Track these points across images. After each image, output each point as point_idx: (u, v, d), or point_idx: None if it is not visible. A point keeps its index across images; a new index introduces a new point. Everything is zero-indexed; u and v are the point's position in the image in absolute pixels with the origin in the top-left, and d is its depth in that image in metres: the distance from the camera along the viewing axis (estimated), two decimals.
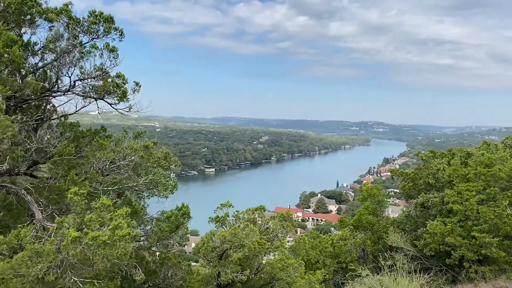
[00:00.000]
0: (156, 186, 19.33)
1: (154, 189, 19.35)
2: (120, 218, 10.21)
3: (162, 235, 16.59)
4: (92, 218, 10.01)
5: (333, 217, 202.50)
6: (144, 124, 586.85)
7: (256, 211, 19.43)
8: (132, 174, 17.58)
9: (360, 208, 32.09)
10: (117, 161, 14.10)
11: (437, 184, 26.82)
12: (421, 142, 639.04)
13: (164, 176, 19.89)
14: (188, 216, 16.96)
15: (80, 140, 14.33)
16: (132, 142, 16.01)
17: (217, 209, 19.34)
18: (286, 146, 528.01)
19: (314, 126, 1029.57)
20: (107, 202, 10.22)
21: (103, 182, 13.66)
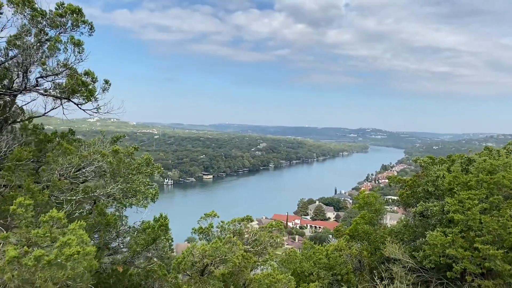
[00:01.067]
0: (135, 194, 17.90)
1: (133, 197, 17.92)
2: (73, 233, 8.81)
3: (137, 248, 15.13)
4: (38, 233, 8.60)
5: (331, 224, 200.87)
6: (142, 131, 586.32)
7: (243, 222, 17.98)
8: (103, 181, 16.19)
9: (357, 216, 30.65)
10: (83, 167, 12.68)
11: (437, 192, 25.43)
12: (418, 149, 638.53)
13: (144, 183, 18.46)
14: (166, 228, 15.51)
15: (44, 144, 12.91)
16: (101, 147, 14.51)
17: (201, 219, 17.88)
18: (284, 153, 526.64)
19: (312, 133, 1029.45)
20: (57, 215, 8.79)
21: (67, 190, 12.24)
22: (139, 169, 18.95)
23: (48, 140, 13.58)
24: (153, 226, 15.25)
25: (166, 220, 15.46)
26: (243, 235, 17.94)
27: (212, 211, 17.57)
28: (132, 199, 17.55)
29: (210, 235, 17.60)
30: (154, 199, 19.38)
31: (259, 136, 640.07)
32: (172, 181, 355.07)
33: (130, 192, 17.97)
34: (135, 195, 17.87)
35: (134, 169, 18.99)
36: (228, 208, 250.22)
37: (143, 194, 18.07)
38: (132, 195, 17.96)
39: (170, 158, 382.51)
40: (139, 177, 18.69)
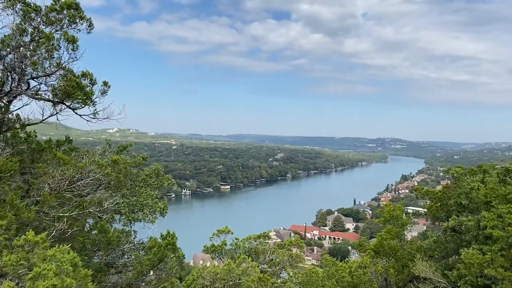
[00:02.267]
0: (141, 208, 16.41)
1: (139, 212, 16.43)
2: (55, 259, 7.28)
3: (141, 269, 13.60)
4: (10, 261, 7.10)
5: (351, 236, 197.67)
6: (161, 141, 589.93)
7: (259, 239, 16.33)
8: (107, 195, 14.73)
9: (382, 231, 28.64)
10: (79, 179, 11.22)
11: (471, 205, 23.37)
12: (439, 159, 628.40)
13: (151, 196, 16.96)
14: (174, 246, 13.93)
15: (37, 154, 11.50)
16: (98, 157, 13.06)
17: (213, 235, 16.27)
18: (302, 163, 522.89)
19: (330, 142, 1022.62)
20: (33, 238, 7.29)
21: (60, 206, 10.78)
22: (146, 181, 17.48)
23: (41, 149, 12.17)
24: (159, 245, 13.70)
25: (173, 238, 13.88)
26: (259, 254, 16.27)
27: (225, 227, 15.97)
28: (138, 213, 16.05)
29: (223, 253, 15.97)
30: (163, 213, 17.87)
31: (276, 146, 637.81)
32: (190, 191, 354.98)
33: (137, 206, 16.50)
34: (142, 209, 16.39)
35: (141, 181, 17.53)
36: (245, 219, 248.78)
37: (151, 208, 16.58)
38: (139, 209, 16.49)
39: (188, 169, 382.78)
40: (147, 189, 17.23)
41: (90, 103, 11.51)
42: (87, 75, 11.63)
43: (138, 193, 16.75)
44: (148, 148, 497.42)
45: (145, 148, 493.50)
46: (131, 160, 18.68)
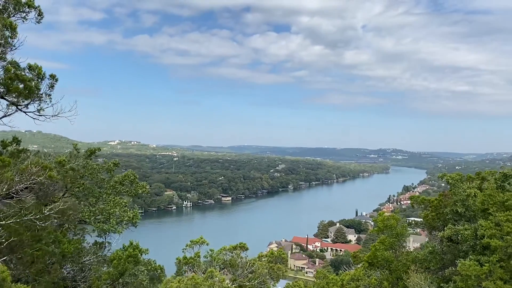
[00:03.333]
0: (108, 218, 15.15)
1: (106, 221, 15.16)
2: None
3: (99, 284, 12.31)
4: None
5: (353, 247, 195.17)
6: (162, 153, 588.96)
7: (235, 250, 15.04)
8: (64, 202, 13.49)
9: (376, 241, 27.25)
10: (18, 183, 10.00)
11: (468, 213, 22.05)
12: (441, 170, 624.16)
13: (120, 205, 15.72)
14: (136, 259, 12.66)
15: None
16: (40, 159, 11.84)
17: (186, 247, 14.97)
18: (303, 174, 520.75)
19: (331, 153, 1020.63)
20: None
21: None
22: (115, 187, 16.25)
23: None
24: (120, 257, 12.43)
25: (135, 250, 12.61)
26: (237, 266, 14.98)
27: (200, 237, 14.73)
28: (103, 224, 14.79)
29: (196, 266, 14.67)
30: (133, 223, 16.60)
31: (277, 157, 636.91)
32: (191, 203, 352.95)
33: (103, 215, 15.25)
34: (108, 218, 15.14)
35: (110, 188, 16.30)
36: (246, 231, 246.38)
37: (118, 217, 15.32)
38: (105, 219, 15.24)
39: (189, 180, 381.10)
40: (115, 197, 15.99)
41: (35, 99, 10.35)
42: (34, 69, 10.51)
43: (105, 201, 15.49)
44: (149, 160, 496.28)
45: (147, 160, 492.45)
46: (102, 166, 17.42)
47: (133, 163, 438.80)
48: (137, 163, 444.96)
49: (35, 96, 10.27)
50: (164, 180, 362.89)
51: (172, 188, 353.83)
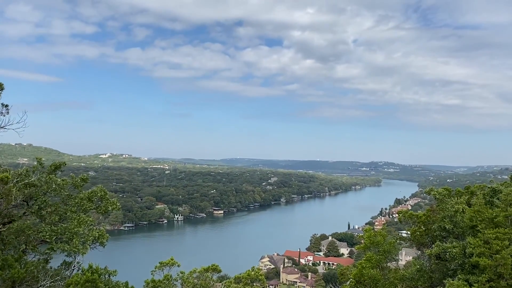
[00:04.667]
0: (71, 238, 14.11)
1: (69, 242, 14.11)
2: None
3: None
4: None
5: (345, 261, 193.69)
6: (154, 166, 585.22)
7: (206, 273, 14.06)
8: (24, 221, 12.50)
9: (362, 259, 26.30)
10: None
11: (456, 230, 21.23)
12: (432, 182, 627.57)
13: (86, 223, 14.69)
14: (95, 284, 11.62)
15: None
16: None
17: (155, 269, 13.97)
18: (296, 187, 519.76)
19: (323, 166, 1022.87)
20: None
21: None
22: (81, 205, 15.23)
23: None
24: (76, 282, 11.40)
25: (94, 274, 11.60)
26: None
27: (170, 258, 13.73)
28: (64, 244, 13.75)
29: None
30: (101, 242, 15.55)
31: (270, 170, 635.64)
32: (182, 217, 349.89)
33: (66, 234, 14.21)
34: (71, 238, 14.10)
35: (75, 205, 15.28)
36: (238, 245, 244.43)
37: (82, 237, 14.30)
38: (68, 238, 14.19)
39: (180, 194, 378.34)
40: (80, 215, 14.96)
41: None
42: None
43: (69, 219, 14.47)
44: (141, 173, 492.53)
45: (138, 173, 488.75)
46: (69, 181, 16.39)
47: (124, 176, 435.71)
48: (128, 176, 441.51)
49: None
50: (156, 193, 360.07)
51: (163, 202, 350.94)
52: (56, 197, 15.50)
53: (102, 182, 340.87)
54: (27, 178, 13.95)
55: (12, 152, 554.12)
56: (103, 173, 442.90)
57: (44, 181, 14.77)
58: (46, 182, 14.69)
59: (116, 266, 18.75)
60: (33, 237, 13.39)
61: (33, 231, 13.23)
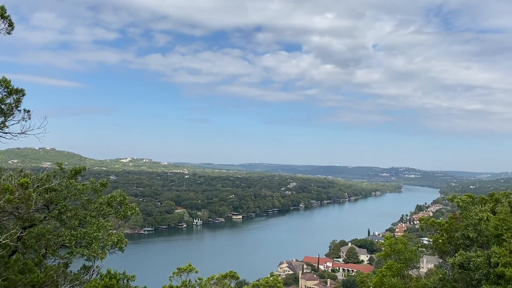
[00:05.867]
0: (90, 242, 14.17)
1: (88, 246, 14.17)
2: None
3: None
4: None
5: (365, 268, 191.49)
6: (173, 171, 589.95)
7: (225, 279, 13.95)
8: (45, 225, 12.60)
9: (383, 267, 25.83)
10: None
11: (480, 239, 20.66)
12: (454, 189, 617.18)
13: (104, 228, 14.74)
14: None
15: None
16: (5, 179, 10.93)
17: (173, 275, 13.92)
18: (315, 192, 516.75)
19: (343, 172, 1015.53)
20: None
21: None
22: (100, 209, 15.30)
23: None
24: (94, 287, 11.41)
25: (112, 279, 11.59)
26: None
27: (188, 264, 13.63)
28: (84, 249, 13.80)
29: None
30: (120, 247, 15.59)
31: (289, 175, 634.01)
32: (201, 221, 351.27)
33: (85, 239, 14.27)
34: (91, 243, 14.16)
35: (95, 210, 15.37)
36: (257, 250, 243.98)
37: (101, 241, 14.35)
38: (87, 243, 14.26)
39: (199, 198, 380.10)
40: (100, 220, 15.03)
41: None
42: (1, 83, 9.71)
43: (89, 224, 14.54)
44: (160, 177, 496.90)
45: (158, 177, 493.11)
46: (90, 186, 16.49)
47: (144, 180, 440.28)
48: (148, 180, 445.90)
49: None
50: (175, 197, 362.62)
51: (182, 206, 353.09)
52: (76, 202, 15.63)
53: (122, 186, 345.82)
54: (48, 183, 14.07)
55: (36, 156, 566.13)
56: (124, 177, 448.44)
57: (65, 186, 14.89)
58: (66, 186, 14.81)
59: (134, 270, 18.81)
60: (53, 242, 13.48)
61: (53, 235, 13.32)
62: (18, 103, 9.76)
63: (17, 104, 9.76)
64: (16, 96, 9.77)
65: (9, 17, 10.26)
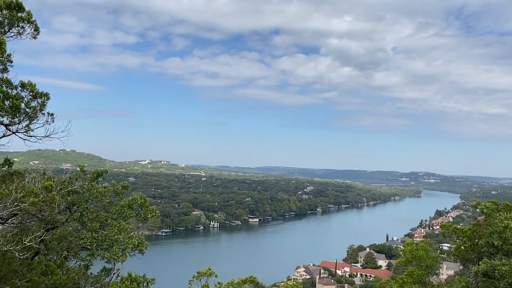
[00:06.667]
0: (111, 245, 14.24)
1: (108, 249, 14.24)
2: None
3: None
4: None
5: (383, 273, 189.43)
6: (190, 173, 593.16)
7: (244, 284, 13.86)
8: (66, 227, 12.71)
9: (403, 273, 25.39)
10: None
11: (505, 247, 20.15)
12: (475, 194, 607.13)
13: (125, 230, 14.80)
14: None
15: None
16: (30, 182, 11.03)
17: (193, 279, 13.88)
18: (332, 197, 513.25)
19: (361, 176, 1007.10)
20: None
21: None
22: (121, 212, 15.37)
23: None
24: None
25: (133, 282, 11.60)
26: None
27: (208, 268, 13.57)
28: (104, 252, 13.87)
29: None
30: (140, 250, 15.63)
31: (306, 179, 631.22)
32: (218, 223, 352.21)
33: (106, 241, 14.35)
34: (112, 245, 14.22)
35: (116, 212, 15.44)
36: (273, 254, 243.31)
37: (122, 244, 14.40)
38: (108, 246, 14.32)
39: (216, 201, 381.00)
40: (121, 222, 15.10)
41: (22, 117, 9.60)
42: (27, 86, 9.82)
43: (110, 226, 14.61)
44: (178, 179, 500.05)
45: (176, 179, 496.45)
46: (111, 189, 16.60)
47: (162, 182, 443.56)
48: (166, 182, 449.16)
49: (23, 115, 9.55)
50: (192, 200, 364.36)
51: (199, 208, 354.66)
52: (97, 204, 15.75)
53: (141, 188, 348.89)
54: (70, 186, 14.20)
55: (56, 157, 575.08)
56: (143, 179, 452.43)
57: (86, 189, 15.02)
58: (88, 189, 14.94)
59: (154, 273, 18.86)
60: (75, 244, 13.58)
61: (75, 237, 13.41)
62: (43, 106, 9.88)
63: (41, 108, 9.88)
64: (40, 100, 9.89)
65: (35, 22, 10.40)
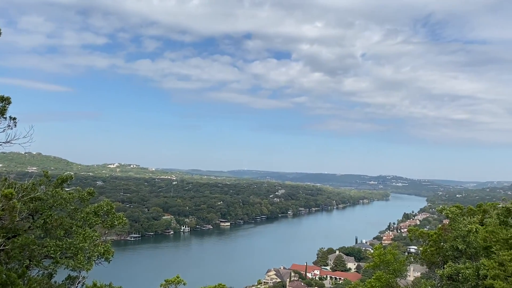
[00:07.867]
0: (75, 253, 13.86)
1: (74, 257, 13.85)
2: None
3: None
4: None
5: (352, 276, 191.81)
6: (161, 177, 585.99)
7: None
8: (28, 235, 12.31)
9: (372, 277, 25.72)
10: None
11: (469, 250, 20.69)
12: (441, 197, 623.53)
13: (91, 238, 14.44)
14: None
15: None
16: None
17: (161, 286, 13.64)
18: (303, 200, 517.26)
19: (331, 179, 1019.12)
20: None
21: None
22: (87, 219, 15.00)
23: None
24: None
25: None
26: None
27: (176, 276, 13.35)
28: (69, 260, 13.49)
29: None
30: (107, 258, 15.28)
31: (277, 182, 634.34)
32: (189, 228, 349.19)
33: (71, 250, 13.95)
34: (76, 253, 13.85)
35: (81, 220, 15.06)
36: (244, 258, 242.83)
37: (87, 252, 14.04)
38: (73, 254, 13.94)
39: (187, 205, 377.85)
40: (86, 230, 14.72)
41: None
42: None
43: (75, 233, 14.23)
44: (148, 183, 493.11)
45: (146, 183, 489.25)
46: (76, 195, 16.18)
47: (131, 186, 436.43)
48: (135, 186, 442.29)
49: None
50: (162, 204, 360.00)
51: (170, 213, 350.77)
52: (62, 211, 15.33)
53: (109, 192, 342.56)
54: (33, 192, 13.77)
55: (22, 160, 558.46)
56: (111, 183, 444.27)
57: (50, 195, 14.61)
58: (52, 195, 14.53)
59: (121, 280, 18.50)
60: (38, 252, 13.16)
61: (38, 245, 12.98)
62: (3, 111, 9.52)
63: (2, 112, 9.52)
64: (1, 104, 9.55)
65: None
